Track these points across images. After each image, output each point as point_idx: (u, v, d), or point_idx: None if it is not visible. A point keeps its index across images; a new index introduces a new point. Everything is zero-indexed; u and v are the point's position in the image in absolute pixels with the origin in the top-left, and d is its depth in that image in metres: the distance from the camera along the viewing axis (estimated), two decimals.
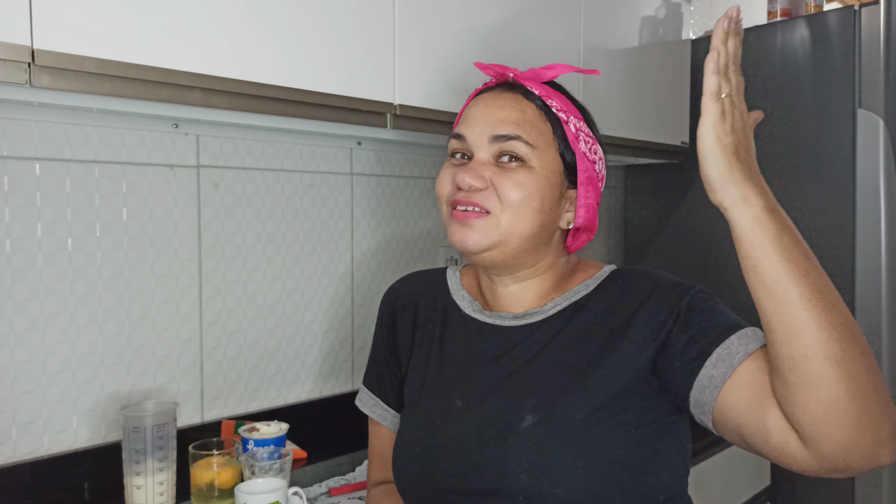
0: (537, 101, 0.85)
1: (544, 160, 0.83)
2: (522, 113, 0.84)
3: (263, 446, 1.19)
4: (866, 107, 1.73)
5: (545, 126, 0.84)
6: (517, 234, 0.82)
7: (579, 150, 0.86)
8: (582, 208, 0.86)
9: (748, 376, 0.71)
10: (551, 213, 0.84)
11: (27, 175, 1.12)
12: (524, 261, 0.86)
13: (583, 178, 0.86)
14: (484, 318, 0.90)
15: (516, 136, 0.82)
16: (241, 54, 1.02)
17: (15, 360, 1.12)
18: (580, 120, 0.87)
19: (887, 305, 1.71)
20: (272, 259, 1.44)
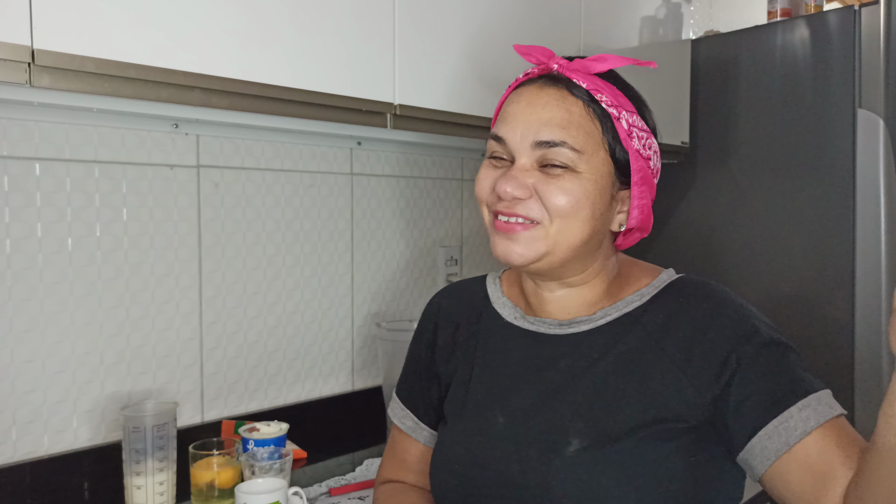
0: (585, 97, 0.76)
1: (593, 164, 0.76)
2: (568, 112, 0.75)
3: (263, 446, 1.19)
4: (866, 107, 1.73)
5: (594, 126, 0.76)
6: (566, 243, 0.76)
7: (632, 148, 0.77)
8: (636, 209, 0.79)
9: (804, 455, 0.69)
10: (602, 218, 0.78)
11: (27, 175, 1.12)
12: (572, 268, 0.80)
13: (637, 179, 0.78)
14: (526, 325, 0.84)
15: (561, 141, 0.74)
16: (241, 54, 1.02)
17: (15, 360, 1.12)
18: (633, 113, 0.78)
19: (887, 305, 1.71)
20: (272, 259, 1.44)
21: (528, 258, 0.77)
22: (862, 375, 1.74)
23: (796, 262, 1.85)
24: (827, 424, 0.69)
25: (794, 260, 1.85)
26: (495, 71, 1.41)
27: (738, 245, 1.97)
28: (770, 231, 1.91)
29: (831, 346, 1.78)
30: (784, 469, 0.69)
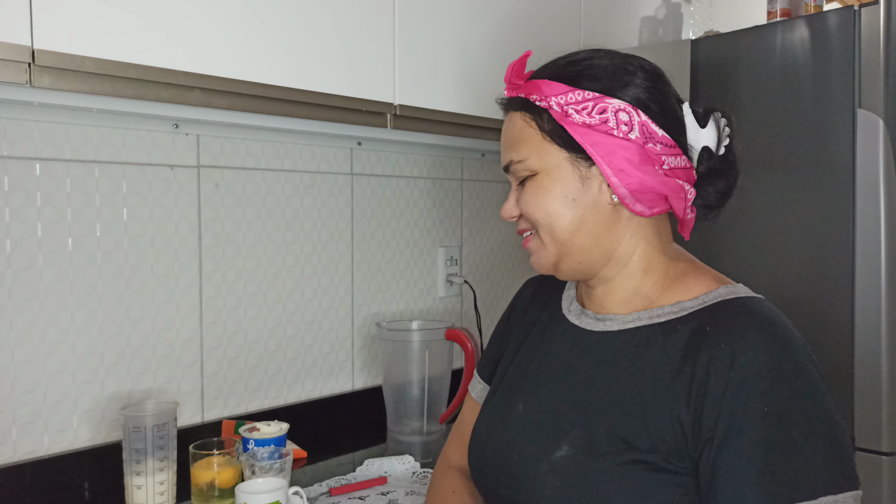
0: (520, 106, 0.83)
1: (543, 162, 0.79)
2: (512, 131, 0.83)
3: (264, 446, 1.19)
4: (866, 107, 1.73)
5: (531, 128, 0.80)
6: (560, 240, 0.80)
7: (571, 122, 0.78)
8: (614, 176, 0.77)
9: None
10: (579, 202, 0.79)
11: (27, 175, 1.13)
12: (596, 255, 0.81)
13: (591, 148, 0.77)
14: (571, 319, 0.87)
15: (509, 161, 0.83)
16: (241, 54, 1.02)
17: (15, 360, 1.12)
18: (568, 91, 0.78)
19: (887, 305, 1.71)
20: (272, 259, 1.44)
21: (547, 265, 0.83)
22: (862, 375, 1.74)
23: (796, 262, 1.85)
24: None
25: (794, 260, 1.85)
26: (495, 71, 1.41)
27: (738, 245, 1.97)
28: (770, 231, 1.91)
29: (831, 346, 1.78)
30: None
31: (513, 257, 1.99)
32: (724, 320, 0.72)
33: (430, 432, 1.41)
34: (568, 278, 0.84)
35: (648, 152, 0.77)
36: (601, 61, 0.81)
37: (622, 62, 0.81)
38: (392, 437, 1.42)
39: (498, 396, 0.90)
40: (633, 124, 0.77)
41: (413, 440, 1.39)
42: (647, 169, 0.77)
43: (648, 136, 0.77)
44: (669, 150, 0.78)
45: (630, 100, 0.78)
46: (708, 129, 0.82)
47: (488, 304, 1.91)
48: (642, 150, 0.77)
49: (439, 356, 1.45)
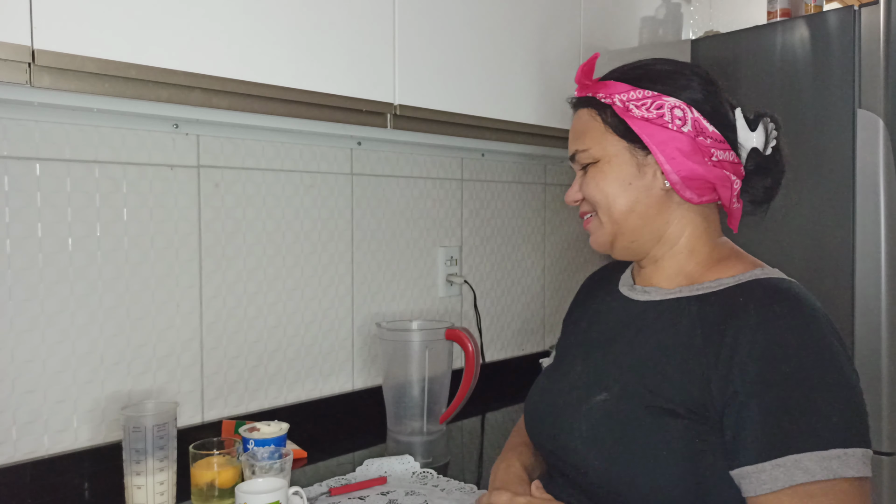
0: (587, 104, 0.94)
1: (604, 150, 0.90)
2: (578, 125, 0.95)
3: (264, 446, 1.19)
4: (866, 107, 1.73)
5: (596, 121, 0.92)
6: (615, 220, 0.91)
7: (631, 116, 0.89)
8: (667, 164, 0.87)
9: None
10: (635, 186, 0.90)
11: (27, 175, 1.13)
12: (646, 235, 0.91)
13: (648, 139, 0.88)
14: (623, 292, 0.98)
15: (575, 150, 0.94)
16: (241, 54, 1.02)
17: (15, 360, 1.12)
18: (629, 90, 0.90)
19: (887, 305, 1.71)
20: (272, 259, 1.44)
21: (604, 243, 0.94)
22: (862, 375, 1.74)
23: (796, 262, 1.85)
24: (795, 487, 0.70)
25: (794, 260, 1.85)
26: (495, 71, 1.41)
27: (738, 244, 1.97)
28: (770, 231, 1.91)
29: None
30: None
31: (513, 257, 1.99)
32: (755, 294, 0.81)
33: (431, 432, 1.41)
34: (622, 257, 0.95)
35: (699, 144, 0.87)
36: (661, 66, 0.93)
37: (680, 68, 0.93)
38: (392, 437, 1.42)
39: (557, 359, 1.04)
40: (686, 119, 0.87)
41: (413, 440, 1.39)
42: (697, 159, 0.87)
43: (700, 130, 0.87)
44: (718, 145, 0.88)
45: (685, 99, 0.88)
46: (758, 131, 0.94)
47: (488, 304, 1.91)
48: (693, 142, 0.87)
49: (439, 356, 1.44)
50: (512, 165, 1.97)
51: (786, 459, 0.71)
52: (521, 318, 2.02)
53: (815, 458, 0.70)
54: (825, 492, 0.70)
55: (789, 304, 0.79)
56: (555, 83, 1.55)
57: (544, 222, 2.09)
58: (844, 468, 0.70)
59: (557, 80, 1.56)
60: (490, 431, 1.60)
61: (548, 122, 1.54)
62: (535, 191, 2.04)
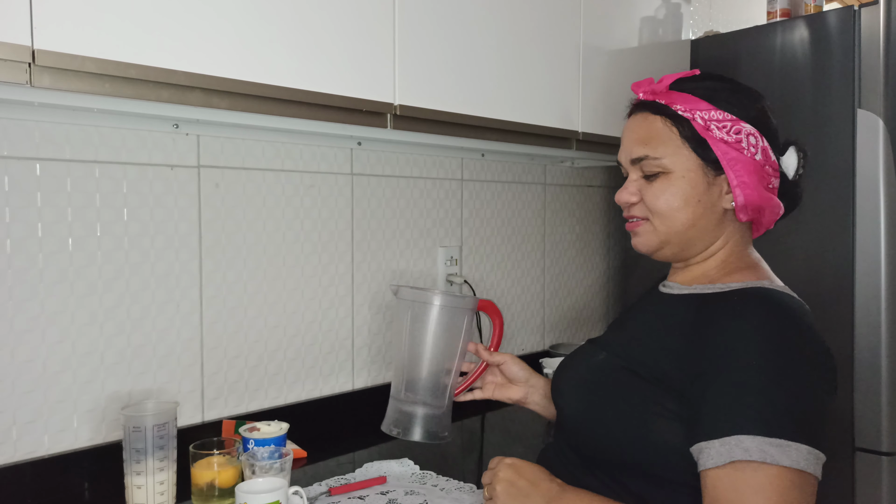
0: (662, 112, 0.95)
1: (679, 163, 0.93)
2: (648, 129, 0.96)
3: (264, 446, 1.19)
4: (866, 107, 1.73)
5: (671, 132, 0.94)
6: (674, 231, 0.95)
7: (712, 137, 0.93)
8: (737, 188, 0.93)
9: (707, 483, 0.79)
10: (702, 203, 0.94)
11: (28, 175, 1.13)
12: (696, 246, 0.97)
13: (725, 161, 0.93)
14: (659, 287, 1.04)
15: (644, 156, 0.95)
16: (241, 54, 1.02)
17: (15, 360, 1.12)
18: (710, 109, 0.93)
19: (887, 305, 1.71)
20: (272, 259, 1.44)
21: (649, 247, 0.98)
22: (862, 375, 1.74)
23: (796, 262, 1.85)
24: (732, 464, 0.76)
25: (794, 260, 1.85)
26: (495, 71, 1.41)
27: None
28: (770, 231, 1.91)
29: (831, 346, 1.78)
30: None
31: (513, 257, 1.99)
32: (749, 295, 0.88)
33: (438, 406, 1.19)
34: (662, 259, 1.00)
35: (764, 172, 0.93)
36: (733, 87, 0.97)
37: (749, 93, 0.97)
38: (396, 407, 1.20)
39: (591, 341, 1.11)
40: (758, 147, 0.93)
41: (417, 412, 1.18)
42: (760, 185, 0.93)
43: (766, 158, 0.93)
44: (775, 173, 0.95)
45: (759, 127, 0.94)
46: (792, 158, 0.98)
47: None
48: (761, 169, 0.93)
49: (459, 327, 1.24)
50: (512, 165, 1.97)
51: (730, 438, 0.76)
52: (521, 318, 2.02)
53: (757, 442, 0.75)
54: (755, 470, 0.75)
55: (779, 308, 0.85)
56: (555, 83, 1.55)
57: (544, 222, 2.09)
58: (782, 457, 0.75)
59: (557, 80, 1.56)
60: (490, 431, 1.60)
61: (548, 123, 1.54)
62: (535, 191, 2.04)
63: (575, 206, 2.20)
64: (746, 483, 0.75)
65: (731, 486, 0.76)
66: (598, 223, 2.31)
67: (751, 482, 0.75)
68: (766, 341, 0.80)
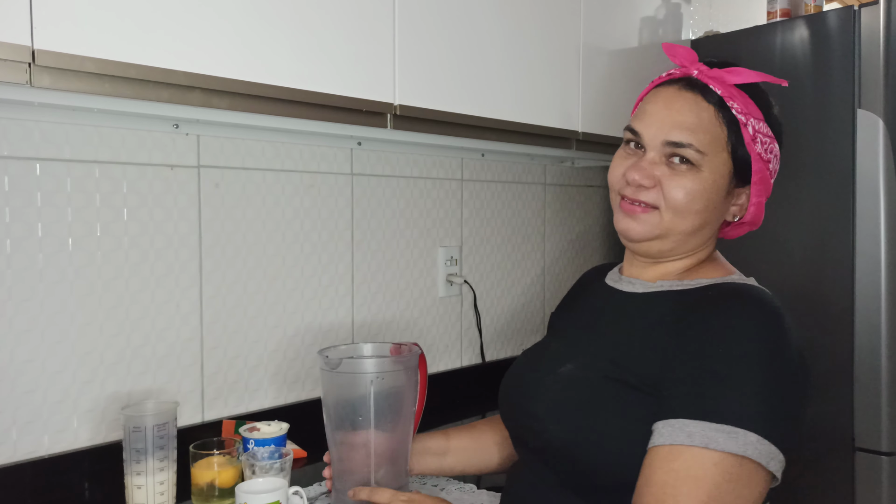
0: (717, 103, 0.87)
1: (714, 164, 0.86)
2: (698, 117, 0.86)
3: (264, 446, 1.19)
4: (866, 107, 1.73)
5: (720, 129, 0.86)
6: (678, 230, 0.88)
7: (755, 151, 0.87)
8: (753, 206, 0.91)
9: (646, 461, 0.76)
10: (715, 211, 0.89)
11: (27, 175, 1.13)
12: (685, 247, 0.91)
13: (756, 179, 0.89)
14: (610, 283, 0.98)
15: (689, 143, 0.85)
16: (241, 54, 1.02)
17: (15, 360, 1.12)
18: (760, 120, 0.88)
19: (887, 305, 1.71)
20: (272, 259, 1.44)
21: (645, 236, 0.89)
22: (862, 375, 1.74)
23: (796, 262, 1.85)
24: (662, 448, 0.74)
25: (794, 260, 1.85)
26: (496, 71, 1.41)
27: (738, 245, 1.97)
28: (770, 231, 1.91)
29: (831, 346, 1.78)
30: None
31: (513, 257, 1.99)
32: (721, 292, 0.83)
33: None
34: (645, 250, 0.91)
35: (771, 189, 0.92)
36: (775, 104, 0.93)
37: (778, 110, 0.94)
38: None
39: (540, 341, 1.05)
40: (776, 169, 0.92)
41: None
42: (763, 207, 0.92)
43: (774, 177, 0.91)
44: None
45: (780, 148, 0.92)
46: None
47: (488, 304, 1.91)
48: (771, 188, 0.92)
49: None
50: (512, 165, 1.97)
51: (677, 420, 0.74)
52: (521, 318, 2.02)
53: (701, 427, 0.72)
54: (694, 456, 0.72)
55: (746, 302, 0.80)
56: (555, 83, 1.55)
57: (544, 222, 2.09)
58: (729, 443, 0.71)
59: (558, 80, 1.56)
60: None
61: (548, 123, 1.54)
62: (535, 191, 2.04)
63: (575, 206, 2.20)
64: (684, 468, 0.71)
65: (666, 469, 0.73)
66: (598, 223, 2.31)
67: (690, 468, 0.71)
68: (738, 332, 0.76)
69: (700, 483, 0.71)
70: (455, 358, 1.82)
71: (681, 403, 0.75)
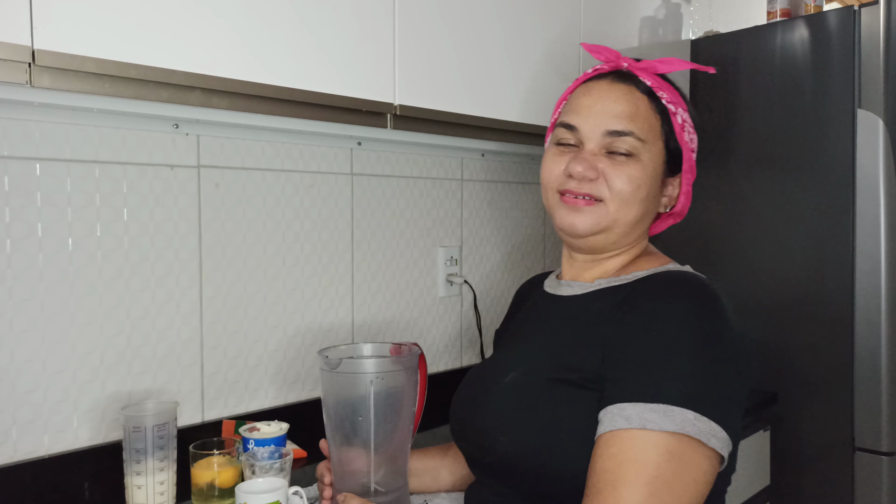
0: (649, 93, 0.88)
1: (652, 153, 0.87)
2: (635, 106, 0.87)
3: (264, 446, 1.19)
4: (866, 107, 1.73)
5: (655, 119, 0.88)
6: (623, 221, 0.88)
7: (684, 140, 0.90)
8: (683, 195, 0.93)
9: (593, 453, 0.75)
10: (654, 200, 0.90)
11: (27, 175, 1.13)
12: (625, 240, 0.91)
13: (686, 168, 0.91)
14: (551, 289, 0.97)
15: (629, 131, 0.85)
16: (241, 54, 1.02)
17: (15, 360, 1.12)
18: (686, 111, 0.90)
19: (887, 305, 1.71)
20: (272, 259, 1.44)
21: (591, 229, 0.88)
22: (862, 375, 1.74)
23: (796, 262, 1.85)
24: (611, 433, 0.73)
25: (794, 260, 1.85)
26: (495, 71, 1.41)
27: (738, 245, 1.97)
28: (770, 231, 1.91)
29: (831, 346, 1.78)
30: None
31: (513, 257, 1.99)
32: (657, 280, 0.83)
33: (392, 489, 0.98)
34: (587, 246, 0.91)
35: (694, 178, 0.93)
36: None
37: None
38: None
39: (487, 357, 1.04)
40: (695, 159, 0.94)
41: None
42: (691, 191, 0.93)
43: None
44: None
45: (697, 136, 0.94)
46: None
47: (488, 304, 1.91)
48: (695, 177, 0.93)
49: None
50: (512, 165, 1.97)
51: (614, 406, 0.73)
52: None
53: (638, 409, 0.71)
54: (633, 438, 0.71)
55: (682, 287, 0.79)
56: (555, 83, 1.55)
57: (544, 222, 2.09)
58: (666, 422, 0.70)
59: (558, 80, 1.56)
60: None
61: (548, 123, 1.54)
62: (535, 191, 2.04)
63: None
64: (624, 452, 0.71)
65: (607, 455, 0.72)
66: None
67: (628, 452, 0.70)
68: (681, 319, 0.75)
69: (640, 465, 0.70)
70: (455, 358, 1.82)
71: (618, 389, 0.75)
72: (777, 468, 1.87)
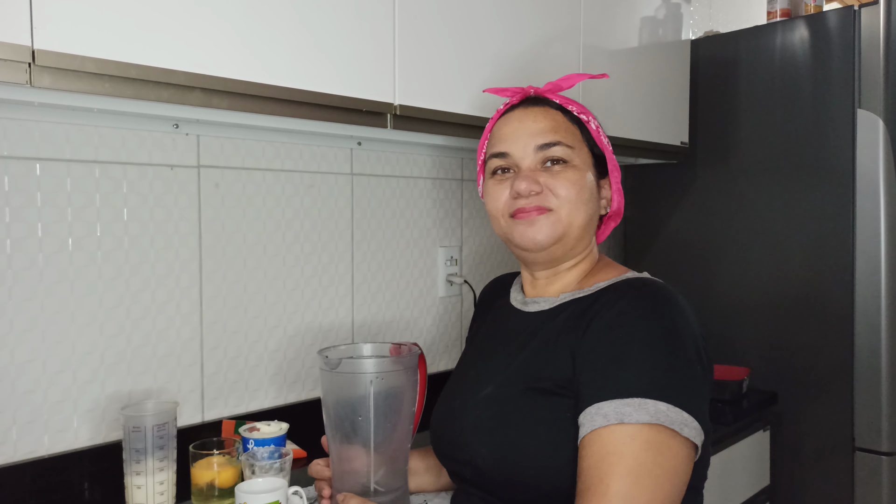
0: (560, 109, 0.97)
1: (582, 157, 0.94)
2: (554, 121, 0.95)
3: (264, 446, 1.19)
4: (866, 107, 1.74)
5: (574, 128, 0.95)
6: (575, 225, 0.93)
7: (603, 144, 0.98)
8: (616, 193, 0.99)
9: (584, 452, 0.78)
10: (595, 202, 0.96)
11: (27, 175, 1.13)
12: (576, 249, 0.96)
13: (611, 167, 0.99)
14: (516, 305, 1.01)
15: (557, 141, 0.92)
16: (241, 54, 1.02)
17: (15, 360, 1.12)
18: (594, 119, 0.99)
19: (887, 305, 1.71)
20: (272, 259, 1.44)
21: (552, 237, 0.92)
22: (862, 375, 1.74)
23: (796, 262, 1.85)
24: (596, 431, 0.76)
25: (794, 260, 1.85)
26: (495, 71, 1.41)
27: (738, 245, 1.97)
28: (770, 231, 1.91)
29: (831, 346, 1.78)
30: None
31: (513, 257, 1.99)
32: (619, 287, 0.88)
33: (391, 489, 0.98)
34: (543, 259, 0.95)
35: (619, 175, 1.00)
36: None
37: None
38: None
39: (458, 370, 1.06)
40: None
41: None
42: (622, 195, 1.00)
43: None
44: None
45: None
46: None
47: None
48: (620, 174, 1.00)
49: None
50: None
51: (591, 407, 0.77)
52: None
53: (614, 405, 0.76)
54: (612, 433, 0.75)
55: (642, 292, 0.84)
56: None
57: None
58: (640, 414, 0.74)
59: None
60: None
61: None
62: None
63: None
64: (605, 447, 0.75)
65: (590, 454, 0.76)
66: None
67: (609, 446, 0.75)
68: (642, 318, 0.81)
69: (621, 457, 0.74)
70: (455, 358, 1.82)
71: (591, 391, 0.79)
72: (777, 468, 1.87)
